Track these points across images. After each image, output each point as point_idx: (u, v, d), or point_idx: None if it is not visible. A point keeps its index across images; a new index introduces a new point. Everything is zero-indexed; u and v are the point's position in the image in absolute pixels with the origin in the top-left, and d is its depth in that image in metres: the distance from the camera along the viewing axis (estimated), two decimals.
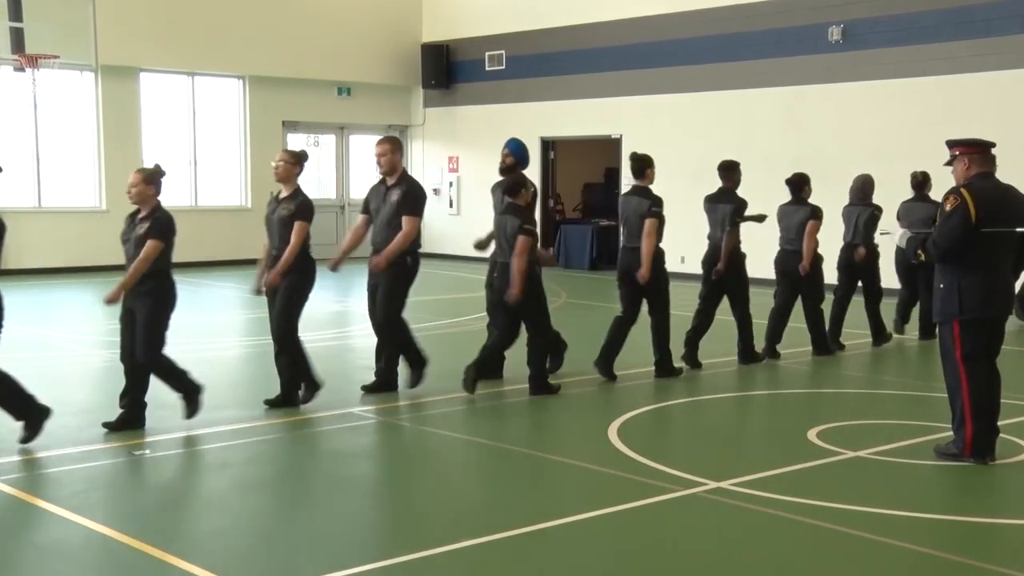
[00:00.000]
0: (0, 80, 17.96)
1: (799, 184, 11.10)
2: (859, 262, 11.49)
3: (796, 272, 10.82)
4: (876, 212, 11.49)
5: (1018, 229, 6.94)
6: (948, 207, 6.90)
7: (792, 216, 11.01)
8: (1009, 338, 12.32)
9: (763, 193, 17.57)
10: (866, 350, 11.56)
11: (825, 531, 5.74)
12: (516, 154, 9.60)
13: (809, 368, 10.61)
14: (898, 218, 11.48)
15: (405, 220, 8.66)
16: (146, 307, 7.58)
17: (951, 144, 7.15)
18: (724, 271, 10.40)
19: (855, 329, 11.74)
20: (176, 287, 7.77)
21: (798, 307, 10.93)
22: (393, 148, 8.95)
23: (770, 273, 11.29)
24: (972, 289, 6.85)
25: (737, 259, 10.48)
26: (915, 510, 6.23)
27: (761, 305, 11.08)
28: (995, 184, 7.05)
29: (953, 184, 7.09)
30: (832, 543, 5.62)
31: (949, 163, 7.18)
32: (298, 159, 8.57)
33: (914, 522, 6.02)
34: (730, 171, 10.88)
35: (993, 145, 7.16)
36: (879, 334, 11.79)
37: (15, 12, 14.34)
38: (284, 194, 8.53)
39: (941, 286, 7.01)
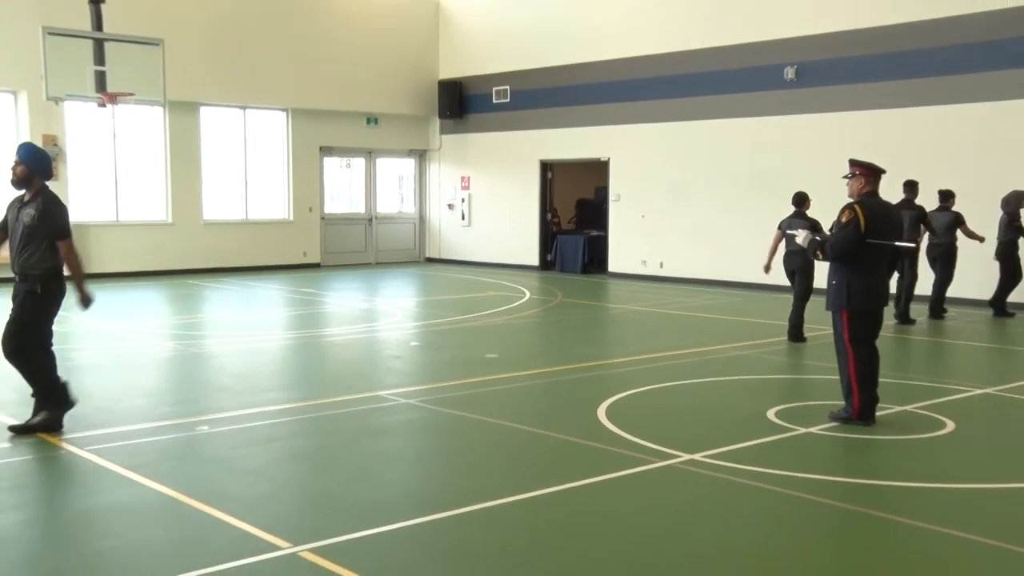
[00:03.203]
0: (87, 114, 18.03)
1: (946, 195, 13.31)
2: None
3: (944, 258, 13.27)
4: (1016, 221, 13.49)
5: (895, 243, 7.36)
6: (844, 219, 7.28)
7: (940, 219, 13.19)
8: (937, 330, 12.44)
9: (731, 205, 17.67)
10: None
11: (777, 494, 5.75)
12: (28, 163, 6.92)
13: (774, 356, 10.60)
14: (781, 228, 11.56)
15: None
16: None
17: (853, 163, 7.55)
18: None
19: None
20: None
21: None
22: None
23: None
24: (857, 286, 7.27)
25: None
26: (852, 476, 6.27)
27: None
28: (880, 202, 7.48)
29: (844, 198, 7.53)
30: (782, 504, 5.63)
31: (847, 177, 7.51)
32: None
33: (849, 486, 6.04)
34: (910, 187, 12.98)
35: (884, 171, 7.55)
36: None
37: (99, 58, 14.72)
38: None
39: (834, 282, 7.40)
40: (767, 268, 11.45)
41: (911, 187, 12.95)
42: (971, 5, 14.64)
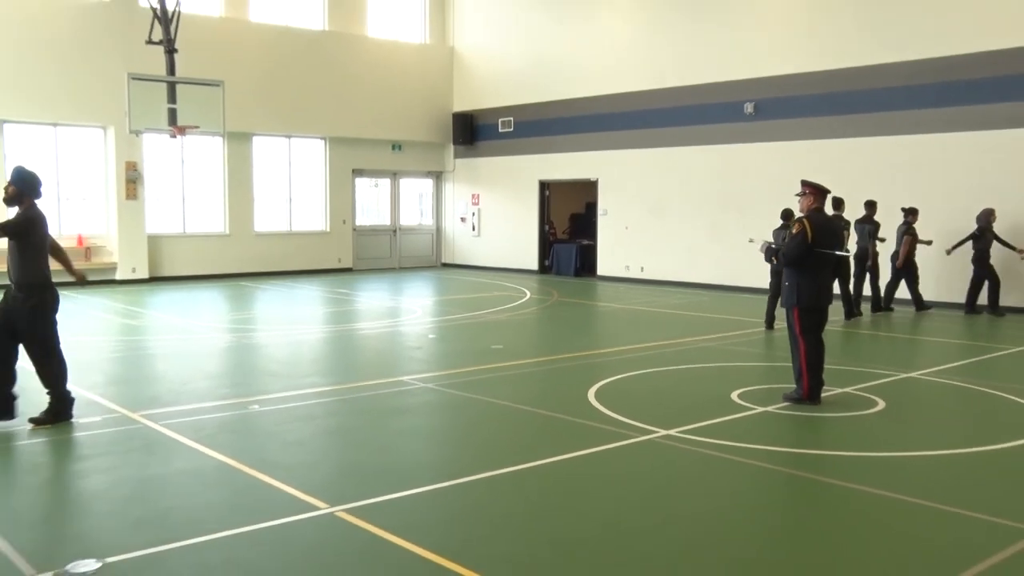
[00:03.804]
0: (161, 144, 18.14)
1: (908, 212, 13.44)
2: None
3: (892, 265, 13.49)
4: (980, 234, 13.19)
5: (837, 252, 7.47)
6: (795, 231, 7.41)
7: (898, 231, 13.38)
8: (875, 325, 12.44)
9: (701, 219, 17.66)
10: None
11: (739, 463, 5.77)
12: (17, 183, 6.56)
13: (737, 347, 10.60)
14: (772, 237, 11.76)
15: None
16: None
17: (804, 183, 7.63)
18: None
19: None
20: None
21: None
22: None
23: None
24: (806, 287, 7.36)
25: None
26: (802, 448, 6.28)
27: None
28: (825, 216, 7.59)
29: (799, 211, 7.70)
30: (743, 471, 5.65)
31: (799, 195, 7.61)
32: None
33: (799, 456, 6.06)
34: (869, 205, 13.22)
35: (830, 191, 7.70)
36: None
37: (172, 97, 15.21)
38: None
39: (787, 284, 7.50)
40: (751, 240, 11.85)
41: (870, 205, 13.36)
42: (897, 55, 14.71)
